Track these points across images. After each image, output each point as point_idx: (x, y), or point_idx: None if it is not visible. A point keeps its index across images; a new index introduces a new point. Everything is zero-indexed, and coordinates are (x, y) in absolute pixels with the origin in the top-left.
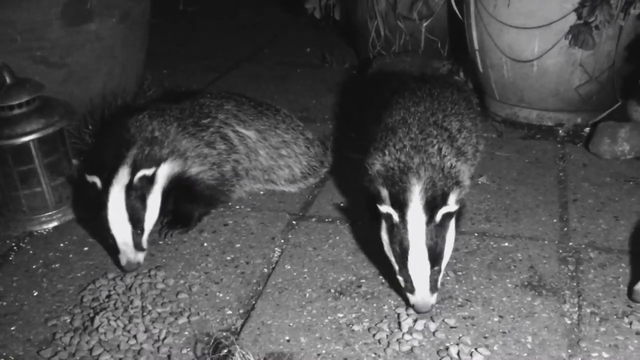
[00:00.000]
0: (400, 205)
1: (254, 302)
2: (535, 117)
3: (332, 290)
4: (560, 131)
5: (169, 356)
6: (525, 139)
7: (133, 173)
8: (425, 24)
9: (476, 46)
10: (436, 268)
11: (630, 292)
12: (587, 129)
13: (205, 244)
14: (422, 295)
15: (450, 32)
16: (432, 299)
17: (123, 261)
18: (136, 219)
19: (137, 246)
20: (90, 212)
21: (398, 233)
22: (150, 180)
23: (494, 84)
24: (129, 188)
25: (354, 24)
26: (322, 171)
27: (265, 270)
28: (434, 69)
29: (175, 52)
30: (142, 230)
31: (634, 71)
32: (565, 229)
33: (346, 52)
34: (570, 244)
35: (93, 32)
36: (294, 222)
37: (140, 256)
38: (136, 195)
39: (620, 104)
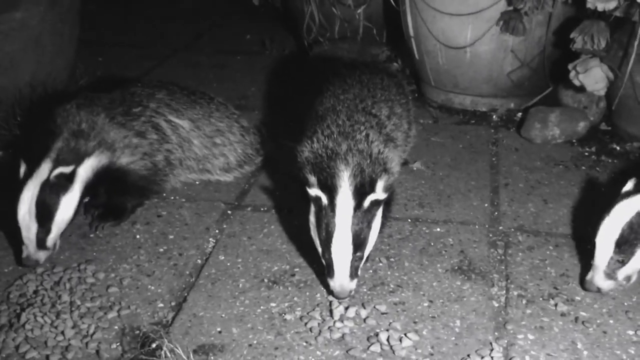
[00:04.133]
0: (329, 190)
1: (186, 294)
2: (470, 102)
3: (266, 280)
4: (494, 116)
5: (97, 351)
6: (459, 124)
7: (54, 168)
8: (359, 11)
9: (411, 33)
10: (358, 254)
11: (582, 282)
12: (519, 114)
13: (138, 236)
14: (341, 280)
15: (387, 19)
16: (352, 284)
17: (24, 254)
18: (44, 217)
19: (40, 244)
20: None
21: (325, 216)
22: (68, 178)
23: (429, 71)
24: (45, 184)
25: (291, 10)
26: (259, 159)
27: (199, 261)
28: (372, 55)
29: (111, 40)
30: (49, 229)
31: (564, 56)
32: (496, 213)
33: (286, 38)
34: (500, 227)
35: (19, 21)
36: (229, 211)
37: (41, 254)
38: (50, 193)
39: (552, 89)
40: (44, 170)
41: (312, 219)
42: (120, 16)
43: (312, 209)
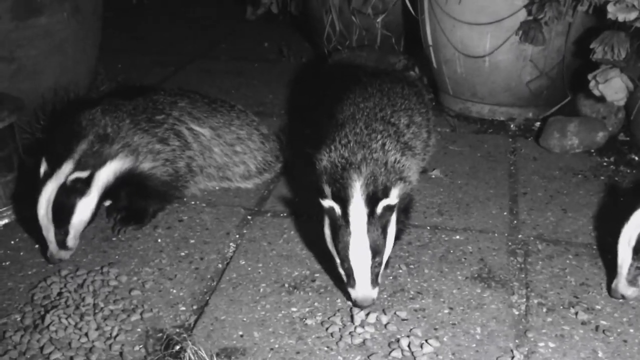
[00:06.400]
0: (342, 201)
1: (207, 298)
2: (488, 111)
3: (286, 285)
4: (512, 125)
5: (121, 353)
6: (477, 133)
7: (73, 171)
8: (379, 20)
9: (430, 42)
10: (377, 260)
11: (608, 289)
12: (537, 124)
13: (160, 240)
14: (363, 288)
15: (405, 28)
16: (374, 292)
17: (48, 253)
18: (60, 220)
19: (61, 244)
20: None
21: (340, 227)
22: (85, 183)
23: (447, 79)
24: (62, 187)
25: (310, 18)
26: (278, 166)
27: (220, 265)
28: (389, 64)
29: (130, 47)
30: (66, 231)
31: (583, 66)
32: (515, 221)
33: (303, 46)
34: (520, 236)
35: (43, 26)
36: (249, 217)
37: (63, 254)
38: (67, 196)
39: (570, 99)
40: (63, 172)
41: (327, 231)
42: (138, 23)
43: (327, 221)
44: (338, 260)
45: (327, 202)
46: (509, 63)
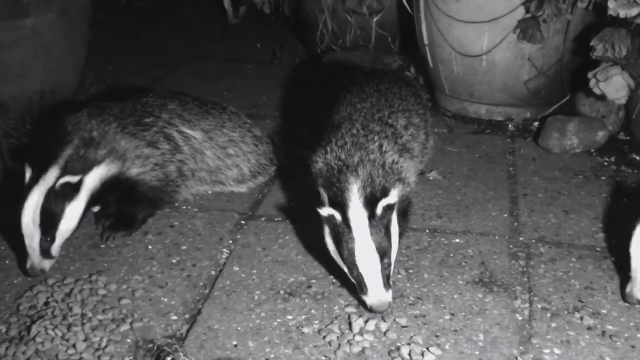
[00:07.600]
0: (341, 206)
1: (200, 306)
2: (485, 111)
3: (282, 292)
4: (510, 126)
5: None
6: (475, 133)
7: (61, 175)
8: (375, 19)
9: (426, 41)
10: (386, 262)
11: (623, 295)
12: (536, 123)
13: (150, 247)
14: (377, 294)
15: (401, 27)
16: (388, 296)
17: (28, 264)
18: (48, 226)
19: (44, 253)
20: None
21: (342, 234)
22: (74, 188)
23: (444, 79)
24: (50, 192)
25: (303, 18)
26: (272, 169)
27: (213, 272)
28: (384, 64)
29: (121, 49)
30: (53, 238)
31: (582, 65)
32: (516, 223)
33: (297, 47)
34: (521, 238)
35: (30, 28)
36: (242, 222)
37: (46, 263)
38: (55, 201)
39: (569, 98)
40: (50, 177)
41: (328, 240)
42: (129, 25)
43: (327, 229)
44: (346, 269)
45: (326, 210)
46: (506, 62)
